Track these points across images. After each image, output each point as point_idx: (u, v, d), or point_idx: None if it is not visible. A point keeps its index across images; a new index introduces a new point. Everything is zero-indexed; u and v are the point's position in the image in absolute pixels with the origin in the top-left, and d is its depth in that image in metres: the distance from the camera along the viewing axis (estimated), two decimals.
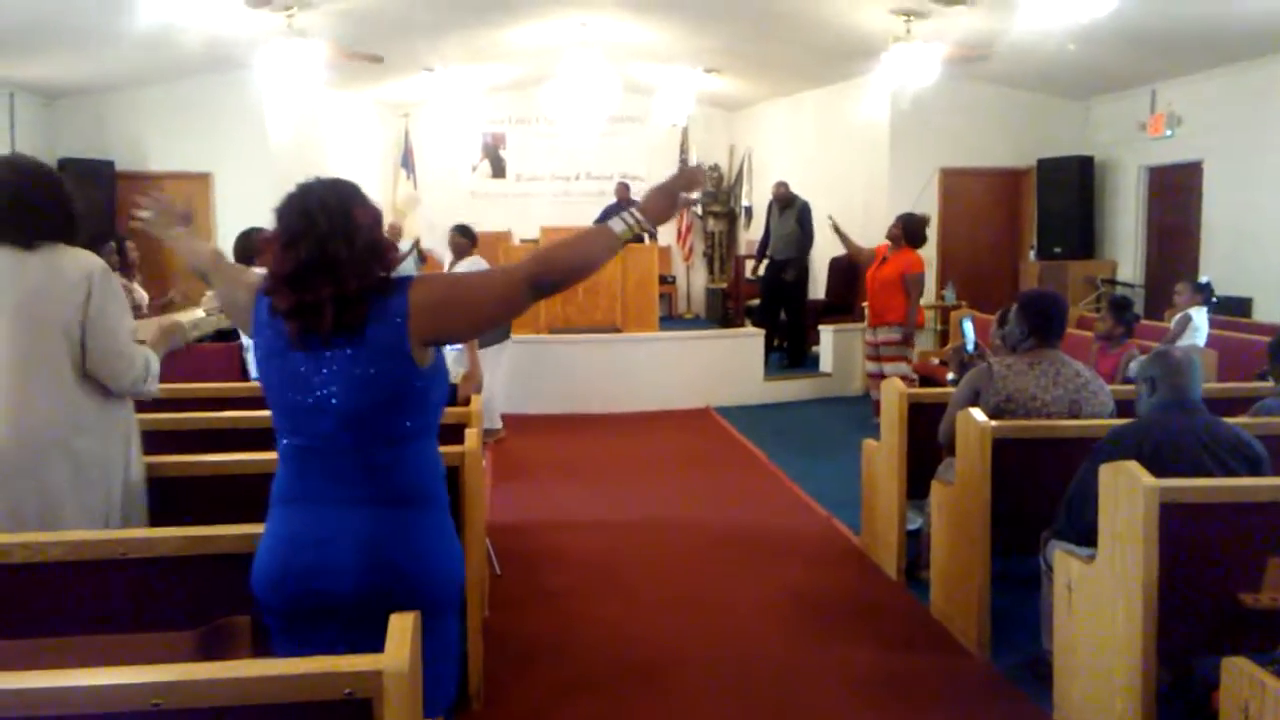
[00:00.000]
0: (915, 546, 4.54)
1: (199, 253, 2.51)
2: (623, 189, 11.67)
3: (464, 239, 7.13)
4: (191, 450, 3.19)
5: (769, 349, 9.48)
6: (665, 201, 2.12)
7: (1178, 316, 6.40)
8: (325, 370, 1.98)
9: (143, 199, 2.70)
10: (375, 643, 1.79)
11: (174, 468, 2.98)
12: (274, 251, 1.99)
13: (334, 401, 1.97)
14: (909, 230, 7.51)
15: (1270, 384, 4.04)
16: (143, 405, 3.85)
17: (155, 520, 2.76)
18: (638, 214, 2.08)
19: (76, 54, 8.36)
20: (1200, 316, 6.35)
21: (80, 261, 2.59)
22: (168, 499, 2.88)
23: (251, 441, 3.15)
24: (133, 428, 2.78)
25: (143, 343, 2.79)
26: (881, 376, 6.52)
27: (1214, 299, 6.66)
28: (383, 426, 2.00)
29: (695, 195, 2.18)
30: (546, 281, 2.03)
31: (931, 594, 4.20)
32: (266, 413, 2.14)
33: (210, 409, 3.81)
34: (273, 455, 2.12)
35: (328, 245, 1.95)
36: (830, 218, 8.26)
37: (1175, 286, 6.68)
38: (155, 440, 3.29)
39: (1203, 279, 6.58)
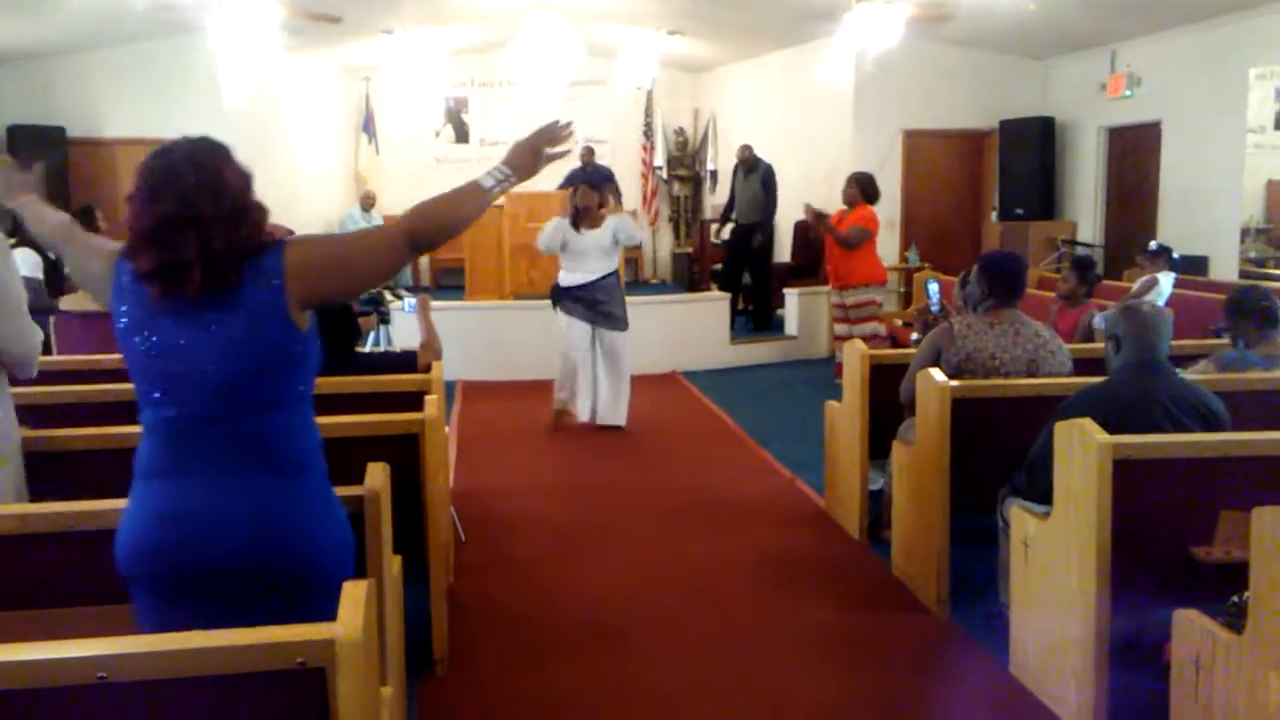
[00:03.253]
0: (878, 506, 4.58)
1: (47, 221, 2.31)
2: (587, 153, 11.57)
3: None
4: (115, 422, 3.13)
5: (734, 313, 9.49)
6: (529, 156, 2.18)
7: (1144, 278, 6.45)
8: (199, 336, 1.90)
9: None
10: (260, 616, 1.77)
11: (100, 440, 2.93)
12: (135, 208, 1.91)
13: (211, 368, 1.90)
14: (866, 188, 7.43)
15: (1225, 341, 4.09)
16: (66, 376, 3.82)
17: (75, 496, 2.71)
18: (505, 167, 2.15)
19: (24, 17, 8.14)
20: (1167, 281, 6.41)
21: None
22: (89, 472, 2.83)
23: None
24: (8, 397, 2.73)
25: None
26: (851, 338, 6.50)
27: (1175, 258, 6.72)
28: (261, 393, 1.95)
29: (560, 149, 2.24)
30: (425, 239, 2.05)
31: (893, 553, 4.24)
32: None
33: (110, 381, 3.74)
34: None
35: (193, 200, 1.88)
36: (808, 206, 7.74)
37: (1136, 259, 6.73)
38: (82, 411, 3.24)
39: (1153, 245, 6.63)
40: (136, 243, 1.91)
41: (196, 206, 1.88)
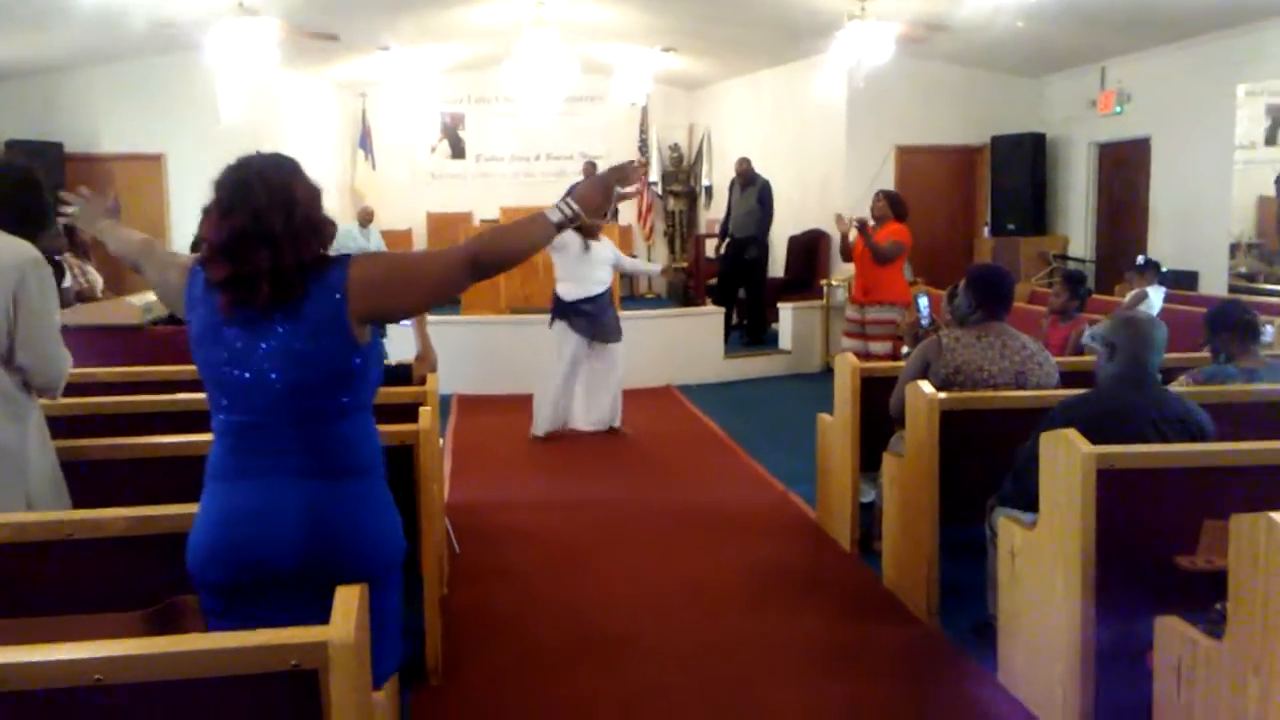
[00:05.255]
0: (869, 518, 4.61)
1: (129, 240, 2.49)
2: (590, 167, 11.69)
3: None
4: (140, 433, 3.17)
5: (729, 327, 9.53)
6: (599, 193, 2.19)
7: (1134, 292, 6.51)
8: (264, 345, 1.98)
9: (66, 194, 2.68)
10: (319, 613, 1.81)
11: (120, 450, 2.98)
12: (211, 220, 2.00)
13: (273, 376, 1.98)
14: (896, 204, 7.39)
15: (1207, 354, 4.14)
16: (94, 388, 3.86)
17: (101, 504, 2.75)
18: (573, 203, 2.15)
19: (23, 34, 8.21)
20: (1156, 295, 6.46)
21: (13, 249, 2.55)
22: (112, 482, 2.87)
23: (200, 423, 3.15)
24: (41, 416, 2.76)
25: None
26: (867, 355, 6.52)
27: (1163, 272, 6.79)
28: (321, 402, 2.02)
29: (630, 189, 2.25)
30: (486, 264, 2.08)
31: (883, 564, 4.27)
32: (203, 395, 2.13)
33: (161, 391, 3.80)
34: (200, 437, 2.12)
35: (264, 216, 1.95)
36: (840, 217, 7.32)
37: (1125, 275, 6.80)
38: (103, 423, 3.27)
39: (1140, 259, 6.70)
40: (211, 254, 1.98)
41: (268, 222, 1.95)
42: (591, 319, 6.56)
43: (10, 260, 2.52)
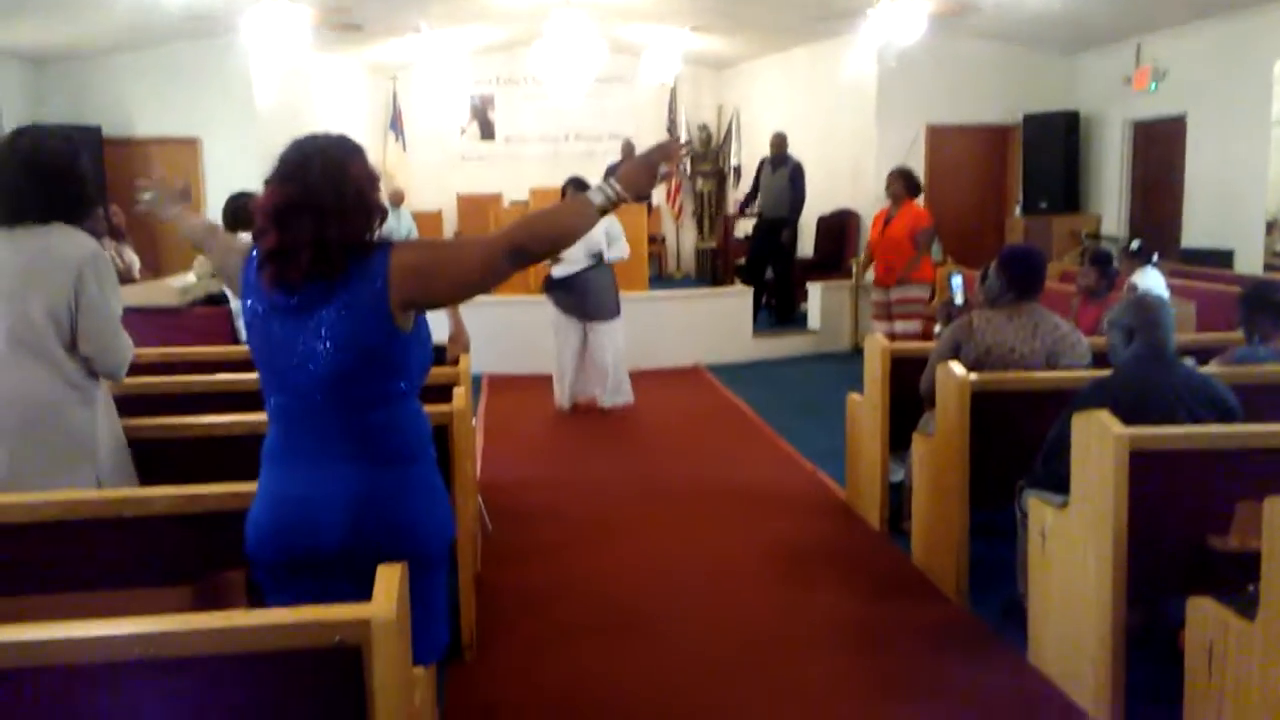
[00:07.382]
0: (898, 498, 4.62)
1: (195, 226, 2.76)
2: (628, 147, 11.77)
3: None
4: (180, 413, 3.23)
5: (758, 307, 9.53)
6: (644, 174, 2.12)
7: (1126, 285, 6.39)
8: (308, 330, 2.00)
9: (143, 180, 2.87)
10: (364, 598, 1.84)
11: (163, 430, 3.04)
12: (267, 189, 2.01)
13: (315, 361, 2.00)
14: (910, 183, 7.40)
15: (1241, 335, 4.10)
16: (135, 369, 3.93)
17: (145, 483, 2.82)
18: (617, 185, 2.08)
19: (63, 19, 8.31)
20: (1145, 279, 6.26)
21: (74, 244, 2.63)
22: (156, 461, 2.93)
23: (240, 404, 3.20)
24: (109, 398, 2.84)
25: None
26: (892, 335, 6.50)
27: (1153, 256, 6.56)
28: (363, 387, 2.03)
29: (671, 169, 2.17)
30: (528, 251, 2.05)
31: (913, 544, 4.29)
32: (253, 375, 2.20)
33: (201, 372, 3.86)
34: (254, 417, 2.17)
35: (316, 188, 1.96)
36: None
37: (1118, 258, 6.67)
38: (144, 403, 3.34)
39: (1134, 244, 6.54)
40: (263, 222, 2.00)
41: (318, 195, 1.96)
42: (574, 294, 6.72)
43: (72, 256, 2.61)
